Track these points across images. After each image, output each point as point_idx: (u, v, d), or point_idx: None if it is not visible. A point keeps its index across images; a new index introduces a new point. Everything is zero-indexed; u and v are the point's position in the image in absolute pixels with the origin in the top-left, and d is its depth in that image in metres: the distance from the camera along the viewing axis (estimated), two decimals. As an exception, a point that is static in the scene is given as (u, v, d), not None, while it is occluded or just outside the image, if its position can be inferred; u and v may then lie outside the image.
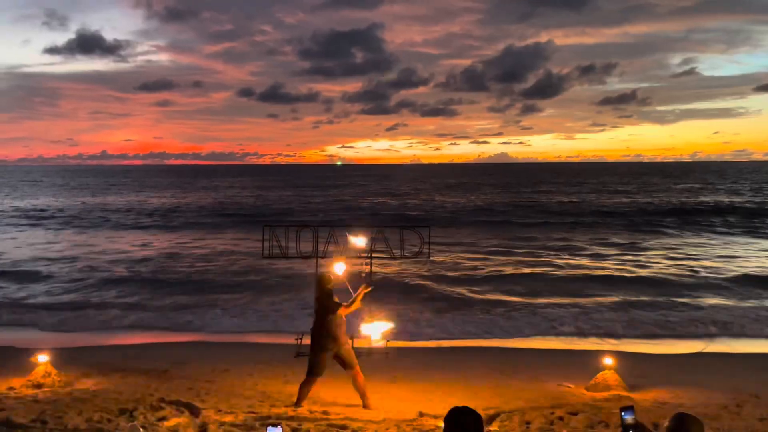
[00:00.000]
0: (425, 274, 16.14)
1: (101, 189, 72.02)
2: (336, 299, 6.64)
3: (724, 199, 47.70)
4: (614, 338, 10.86)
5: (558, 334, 11.10)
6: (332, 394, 7.14)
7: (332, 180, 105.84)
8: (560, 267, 18.31)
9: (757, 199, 46.91)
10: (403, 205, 47.85)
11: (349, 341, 6.79)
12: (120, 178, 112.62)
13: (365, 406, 6.72)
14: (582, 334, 11.13)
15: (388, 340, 6.93)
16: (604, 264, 18.80)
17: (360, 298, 6.72)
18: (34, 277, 16.86)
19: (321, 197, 57.54)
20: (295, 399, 6.89)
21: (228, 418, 6.22)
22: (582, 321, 11.92)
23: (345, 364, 6.71)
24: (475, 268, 18.35)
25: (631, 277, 16.48)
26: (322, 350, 6.59)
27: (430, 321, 12.01)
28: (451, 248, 22.09)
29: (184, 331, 11.45)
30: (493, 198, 53.70)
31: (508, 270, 17.79)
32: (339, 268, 6.92)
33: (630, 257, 19.87)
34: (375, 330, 6.77)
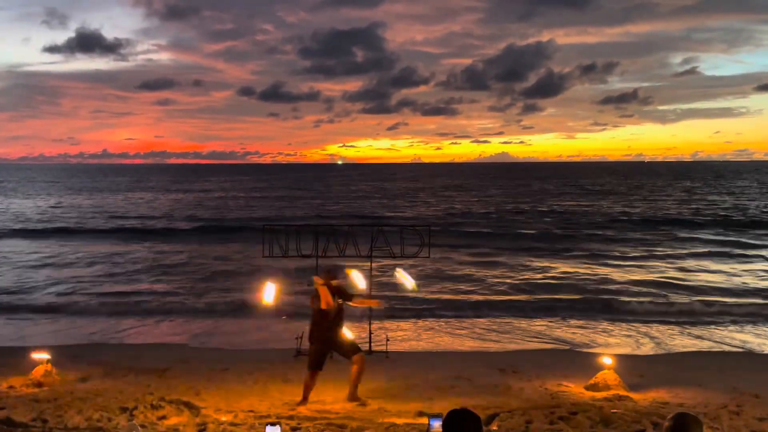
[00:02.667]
0: (424, 274, 16.10)
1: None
2: (312, 299, 6.85)
3: (730, 202, 47.66)
4: (614, 338, 10.85)
5: (558, 335, 11.08)
6: (332, 394, 7.14)
7: (333, 179, 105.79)
8: (561, 269, 18.31)
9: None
10: (403, 205, 47.84)
11: (344, 335, 6.97)
12: (119, 177, 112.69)
13: (350, 399, 6.83)
14: (581, 335, 11.12)
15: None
16: (605, 267, 18.79)
17: (360, 304, 7.22)
18: (34, 276, 16.88)
19: (321, 197, 57.49)
20: (295, 398, 6.91)
21: (227, 417, 6.23)
22: (581, 322, 11.94)
23: (343, 355, 6.97)
24: (476, 269, 18.35)
25: (633, 279, 16.46)
26: (311, 343, 6.96)
27: (430, 322, 12.00)
28: (450, 249, 22.03)
29: (186, 332, 11.44)
30: (494, 199, 53.67)
31: (509, 272, 17.79)
32: (269, 292, 7.08)
33: (633, 262, 19.72)
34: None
